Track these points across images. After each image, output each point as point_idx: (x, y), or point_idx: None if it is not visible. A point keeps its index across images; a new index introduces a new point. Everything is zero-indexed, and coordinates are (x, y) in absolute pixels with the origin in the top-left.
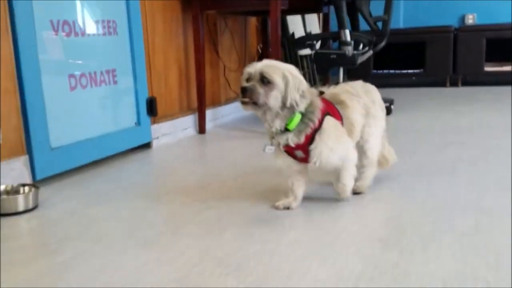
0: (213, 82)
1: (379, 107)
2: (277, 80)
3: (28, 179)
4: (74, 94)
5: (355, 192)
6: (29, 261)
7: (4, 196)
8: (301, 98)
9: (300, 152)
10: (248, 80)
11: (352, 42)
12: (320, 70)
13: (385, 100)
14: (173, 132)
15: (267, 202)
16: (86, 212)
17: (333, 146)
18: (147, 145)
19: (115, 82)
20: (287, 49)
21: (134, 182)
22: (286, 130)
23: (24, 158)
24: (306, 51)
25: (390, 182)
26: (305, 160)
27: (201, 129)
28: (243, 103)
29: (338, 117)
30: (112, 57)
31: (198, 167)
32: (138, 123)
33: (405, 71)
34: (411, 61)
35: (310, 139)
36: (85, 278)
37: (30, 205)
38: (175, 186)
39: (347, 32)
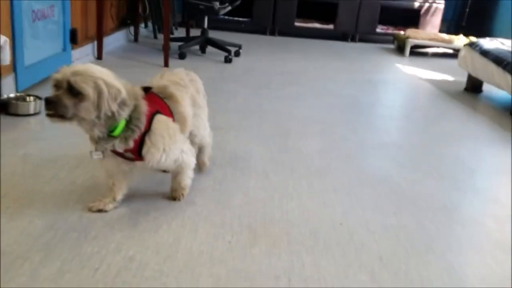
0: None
1: (202, 96)
2: (88, 91)
3: (13, 91)
4: (34, 25)
5: (200, 168)
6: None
7: (18, 102)
8: (122, 106)
9: (130, 154)
10: (56, 87)
11: None
12: (189, 16)
13: (234, 45)
14: (81, 58)
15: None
16: None
17: (166, 148)
18: None
19: (53, 16)
20: None
21: None
22: (111, 136)
23: (13, 76)
24: None
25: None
26: (135, 159)
27: (99, 56)
28: (48, 115)
29: (169, 113)
30: None
31: None
32: (64, 49)
33: (237, 18)
34: (242, 11)
35: (140, 142)
36: None
37: (38, 110)
38: None
39: None
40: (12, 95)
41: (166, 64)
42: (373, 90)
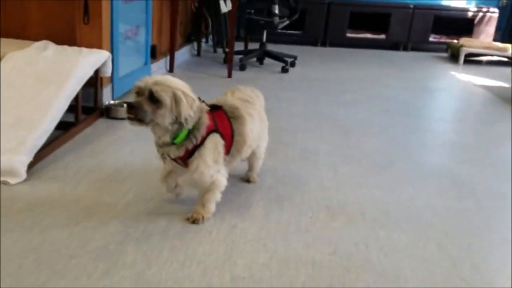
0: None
1: (264, 110)
2: (166, 99)
3: (111, 99)
4: (125, 43)
5: (247, 181)
6: None
7: (118, 107)
8: (192, 116)
9: (181, 162)
10: (137, 94)
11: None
12: (248, 31)
13: (290, 56)
14: (157, 71)
15: None
16: None
17: (210, 163)
18: None
19: (137, 34)
20: (211, 6)
21: None
22: (173, 142)
23: (110, 86)
24: (225, 9)
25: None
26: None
27: (171, 69)
28: (129, 118)
29: (230, 133)
30: (138, 17)
31: None
32: (146, 63)
33: (289, 31)
34: (294, 23)
35: (190, 153)
36: None
37: None
38: None
39: (277, 7)
40: (112, 102)
41: (229, 75)
42: (428, 95)
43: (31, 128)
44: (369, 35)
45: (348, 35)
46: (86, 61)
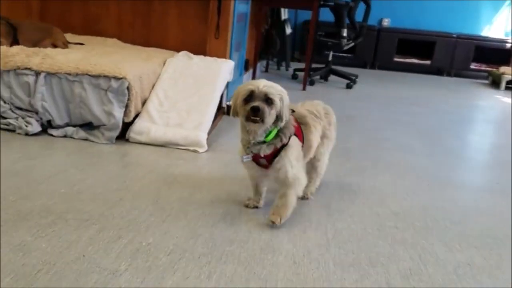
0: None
1: (333, 129)
2: (277, 100)
3: (226, 100)
4: (235, 55)
5: (302, 198)
6: None
7: None
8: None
9: (264, 160)
10: (250, 97)
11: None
12: (317, 51)
13: (352, 75)
14: (246, 80)
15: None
16: None
17: (293, 163)
18: None
19: (240, 49)
20: (278, 29)
21: None
22: (263, 141)
23: (226, 90)
24: (288, 32)
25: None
26: (265, 167)
27: (253, 78)
28: (255, 121)
29: (301, 137)
30: (240, 35)
31: None
32: (240, 74)
33: (341, 54)
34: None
35: (277, 152)
36: None
37: None
38: None
39: (345, 30)
40: (229, 102)
41: (304, 88)
42: (480, 111)
43: (202, 114)
44: (415, 60)
45: (396, 59)
46: (225, 67)
